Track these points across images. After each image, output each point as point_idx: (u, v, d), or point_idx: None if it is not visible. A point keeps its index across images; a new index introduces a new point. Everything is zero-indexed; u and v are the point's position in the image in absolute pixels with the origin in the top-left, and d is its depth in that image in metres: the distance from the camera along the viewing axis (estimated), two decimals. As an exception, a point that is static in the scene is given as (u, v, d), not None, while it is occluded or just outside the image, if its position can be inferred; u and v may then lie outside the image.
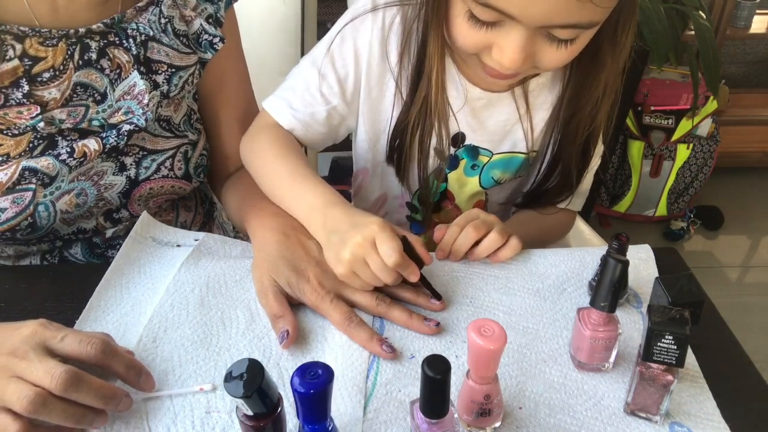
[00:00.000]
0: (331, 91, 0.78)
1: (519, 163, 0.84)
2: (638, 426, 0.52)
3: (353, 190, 0.94)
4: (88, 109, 0.72)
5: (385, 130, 0.82)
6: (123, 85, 0.74)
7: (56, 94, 0.69)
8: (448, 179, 0.85)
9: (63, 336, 0.51)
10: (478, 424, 0.51)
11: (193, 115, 0.83)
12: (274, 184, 0.72)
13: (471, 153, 0.82)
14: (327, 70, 0.77)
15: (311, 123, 0.79)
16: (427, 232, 0.92)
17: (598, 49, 0.70)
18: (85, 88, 0.71)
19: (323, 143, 0.84)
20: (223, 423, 0.52)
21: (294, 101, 0.79)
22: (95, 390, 0.49)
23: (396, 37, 0.76)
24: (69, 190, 0.72)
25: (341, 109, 0.79)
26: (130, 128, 0.73)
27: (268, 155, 0.74)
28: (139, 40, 0.74)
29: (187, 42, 0.79)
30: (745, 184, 2.40)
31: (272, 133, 0.78)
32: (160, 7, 0.76)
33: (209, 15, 0.81)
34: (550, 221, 0.88)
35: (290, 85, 0.80)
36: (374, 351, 0.58)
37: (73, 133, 0.71)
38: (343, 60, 0.77)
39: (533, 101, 0.79)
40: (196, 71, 0.80)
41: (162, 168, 0.78)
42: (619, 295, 0.52)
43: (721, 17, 2.21)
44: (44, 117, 0.68)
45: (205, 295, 0.65)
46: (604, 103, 0.76)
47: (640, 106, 2.04)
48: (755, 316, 1.86)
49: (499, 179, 0.85)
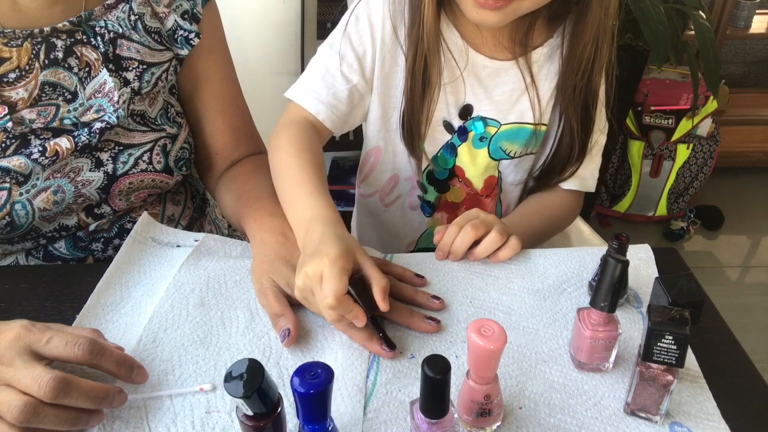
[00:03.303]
0: (351, 69, 0.80)
1: (527, 135, 0.85)
2: (638, 426, 0.52)
3: (362, 176, 0.94)
4: (59, 108, 0.72)
5: (397, 106, 0.83)
6: (93, 83, 0.74)
7: (24, 94, 0.69)
8: (458, 153, 0.86)
9: (48, 338, 0.50)
10: (478, 424, 0.51)
11: (171, 109, 0.83)
12: (280, 186, 0.73)
13: (479, 124, 0.84)
14: (346, 50, 0.80)
15: (335, 103, 0.80)
16: (437, 213, 0.94)
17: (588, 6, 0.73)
18: (54, 87, 0.71)
19: (345, 126, 0.85)
20: (223, 423, 0.52)
21: (317, 85, 0.80)
22: (86, 392, 0.48)
23: (405, 10, 0.78)
24: (45, 188, 0.72)
25: (361, 87, 0.81)
26: (102, 126, 0.73)
27: (283, 154, 0.75)
28: (108, 37, 0.74)
29: (160, 39, 0.80)
30: (745, 184, 2.40)
31: (294, 129, 0.78)
32: (131, 4, 0.77)
33: (185, 11, 0.81)
34: (557, 208, 0.88)
35: (311, 72, 0.82)
36: (374, 351, 0.58)
37: (46, 132, 0.71)
38: (360, 38, 0.80)
39: (537, 71, 0.82)
40: (170, 67, 0.81)
41: (140, 162, 0.78)
42: (619, 295, 0.52)
43: (721, 17, 2.21)
44: (13, 117, 0.68)
45: (205, 295, 0.65)
46: (598, 62, 0.78)
47: (640, 106, 2.04)
48: (755, 316, 1.86)
49: (508, 151, 0.86)
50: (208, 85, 0.87)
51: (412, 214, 0.94)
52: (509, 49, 0.81)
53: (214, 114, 0.88)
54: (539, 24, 0.80)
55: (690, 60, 1.80)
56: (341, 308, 0.55)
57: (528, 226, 0.81)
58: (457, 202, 0.92)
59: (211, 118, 0.87)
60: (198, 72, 0.85)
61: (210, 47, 0.85)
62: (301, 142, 0.75)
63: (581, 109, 0.81)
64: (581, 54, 0.77)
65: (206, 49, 0.84)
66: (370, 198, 0.95)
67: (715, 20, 2.19)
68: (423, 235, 0.96)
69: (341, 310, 0.55)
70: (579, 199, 0.91)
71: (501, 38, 0.81)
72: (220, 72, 0.88)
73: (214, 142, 0.88)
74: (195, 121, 0.88)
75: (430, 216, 0.94)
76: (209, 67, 0.86)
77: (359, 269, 0.59)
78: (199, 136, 0.88)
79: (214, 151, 0.88)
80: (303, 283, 0.57)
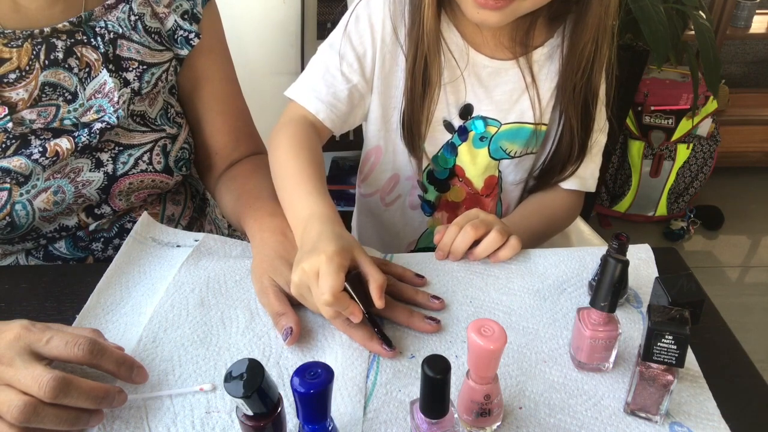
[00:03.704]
0: (351, 69, 0.80)
1: (527, 134, 0.85)
2: (638, 426, 0.52)
3: (363, 175, 0.94)
4: (59, 108, 0.72)
5: (397, 106, 0.83)
6: (94, 84, 0.74)
7: (24, 94, 0.69)
8: (458, 152, 0.86)
9: (48, 338, 0.50)
10: (478, 424, 0.51)
11: (171, 109, 0.83)
12: (279, 185, 0.73)
13: (479, 124, 0.84)
14: (346, 49, 0.80)
15: (334, 103, 0.80)
16: (437, 213, 0.94)
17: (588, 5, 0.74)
18: (54, 87, 0.71)
19: (345, 125, 0.85)
20: (223, 423, 0.52)
21: (316, 84, 0.81)
22: (86, 392, 0.48)
23: (406, 11, 0.78)
24: (45, 188, 0.72)
25: (361, 86, 0.81)
26: (102, 126, 0.73)
27: (282, 153, 0.75)
28: (108, 38, 0.75)
29: (160, 39, 0.80)
30: (745, 184, 2.40)
31: (293, 128, 0.78)
32: (131, 5, 0.77)
33: (185, 11, 0.81)
34: (557, 208, 0.88)
35: (311, 71, 0.82)
36: (374, 350, 0.58)
37: (47, 132, 0.71)
38: (360, 38, 0.80)
39: (538, 71, 0.82)
40: (170, 67, 0.81)
41: (140, 162, 0.78)
42: (619, 295, 0.52)
43: (721, 17, 2.21)
44: (13, 118, 0.68)
45: (205, 295, 0.65)
46: (598, 61, 0.78)
47: (640, 106, 2.04)
48: (755, 316, 1.86)
49: (508, 151, 0.86)
50: (208, 85, 0.87)
51: (413, 213, 0.94)
52: (510, 49, 0.81)
53: (213, 114, 0.88)
54: (540, 24, 0.80)
55: (690, 60, 1.80)
56: (338, 305, 0.55)
57: (527, 226, 0.81)
58: (458, 202, 0.92)
59: (211, 118, 0.88)
60: (198, 72, 0.85)
61: (210, 47, 0.86)
62: (300, 141, 0.75)
63: (581, 109, 0.81)
64: (581, 53, 0.77)
65: (206, 49, 0.85)
66: (371, 198, 0.95)
67: (715, 20, 2.19)
68: (423, 235, 0.96)
69: (338, 306, 0.56)
70: (579, 199, 0.91)
71: (501, 38, 0.81)
72: (220, 72, 0.88)
73: (214, 142, 0.88)
74: (195, 121, 0.88)
75: (430, 215, 0.94)
76: (209, 67, 0.86)
77: (356, 266, 0.59)
78: (199, 136, 0.88)
79: (214, 151, 0.88)
80: (299, 279, 0.57)
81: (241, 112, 0.92)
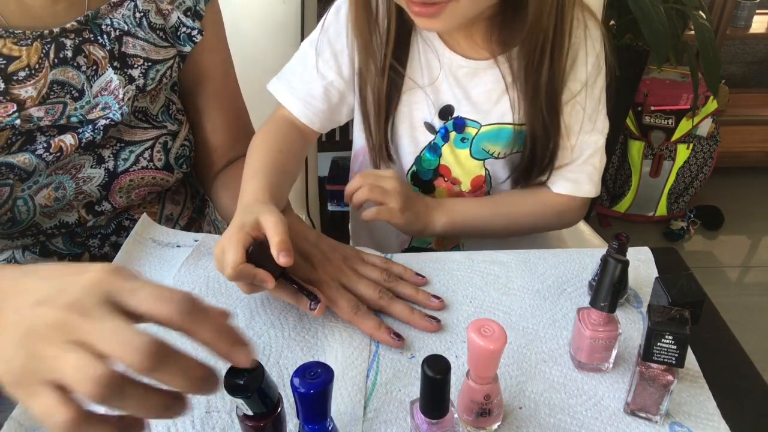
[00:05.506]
0: (326, 66, 0.80)
1: (508, 135, 0.81)
2: (638, 426, 0.52)
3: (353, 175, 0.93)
4: (66, 106, 0.72)
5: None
6: (100, 81, 0.74)
7: (33, 92, 0.69)
8: (442, 153, 0.85)
9: (137, 288, 0.37)
10: (478, 424, 0.51)
11: (172, 106, 0.83)
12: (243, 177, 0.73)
13: (458, 126, 0.82)
14: (323, 46, 0.80)
15: (309, 100, 0.80)
16: None
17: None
18: (62, 85, 0.72)
19: (328, 123, 0.84)
20: (223, 423, 0.52)
21: (293, 80, 0.81)
22: (183, 369, 0.35)
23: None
24: (47, 184, 0.72)
25: (338, 84, 0.81)
26: (107, 123, 0.74)
27: (253, 149, 0.76)
28: (114, 35, 0.75)
29: (165, 35, 0.80)
30: (745, 184, 2.40)
31: (272, 126, 0.79)
32: (135, 2, 0.77)
33: (187, 8, 0.82)
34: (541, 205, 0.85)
35: (290, 66, 0.83)
36: (382, 339, 0.58)
37: (52, 129, 0.71)
38: (338, 35, 0.79)
39: (518, 70, 0.76)
40: (174, 64, 0.81)
41: (141, 159, 0.78)
42: (619, 295, 0.52)
43: (721, 17, 2.21)
44: (21, 115, 0.68)
45: (205, 295, 0.65)
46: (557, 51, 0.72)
47: (640, 106, 2.04)
48: (755, 316, 1.86)
49: (491, 151, 0.83)
50: (209, 82, 0.87)
51: None
52: (486, 49, 0.78)
53: (214, 111, 0.88)
54: (518, 21, 0.74)
55: (690, 60, 1.80)
56: (243, 277, 0.56)
57: (476, 214, 0.80)
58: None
59: (211, 115, 0.88)
60: (199, 69, 0.86)
61: (212, 45, 0.86)
62: (274, 139, 0.77)
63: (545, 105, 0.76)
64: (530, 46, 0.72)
65: (208, 46, 0.85)
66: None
67: (715, 20, 2.19)
68: None
69: (244, 278, 0.56)
70: (573, 203, 0.86)
71: (475, 37, 0.78)
72: (221, 70, 0.88)
73: (213, 139, 0.88)
74: (194, 118, 0.88)
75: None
76: (211, 65, 0.86)
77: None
78: (198, 133, 0.88)
79: (212, 148, 0.89)
80: (215, 264, 0.59)
81: (241, 111, 0.92)
